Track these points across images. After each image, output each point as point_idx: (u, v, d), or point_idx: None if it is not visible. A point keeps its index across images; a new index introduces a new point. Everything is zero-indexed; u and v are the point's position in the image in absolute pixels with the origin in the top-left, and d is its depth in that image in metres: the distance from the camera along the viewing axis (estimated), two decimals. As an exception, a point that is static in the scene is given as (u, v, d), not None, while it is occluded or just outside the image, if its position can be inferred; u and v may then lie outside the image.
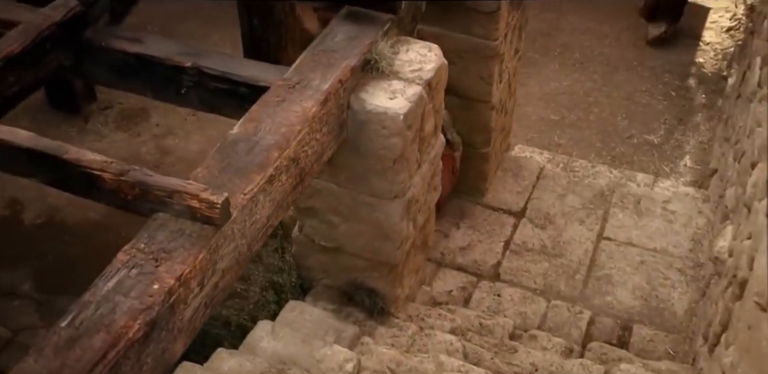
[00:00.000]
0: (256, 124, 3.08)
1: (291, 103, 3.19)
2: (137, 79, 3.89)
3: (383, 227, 3.76)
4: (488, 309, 4.64)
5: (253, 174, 2.85)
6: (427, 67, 3.63)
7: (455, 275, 4.90)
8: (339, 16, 3.73)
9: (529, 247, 5.09)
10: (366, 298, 4.04)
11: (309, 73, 3.36)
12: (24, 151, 2.83)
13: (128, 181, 2.68)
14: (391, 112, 3.39)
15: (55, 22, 3.67)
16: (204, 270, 2.59)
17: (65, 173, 2.80)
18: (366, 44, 3.54)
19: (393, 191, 3.65)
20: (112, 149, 7.28)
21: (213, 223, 2.61)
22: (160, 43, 3.88)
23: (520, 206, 5.42)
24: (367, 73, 3.56)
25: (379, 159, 3.54)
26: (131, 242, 2.60)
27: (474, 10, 4.68)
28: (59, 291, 5.81)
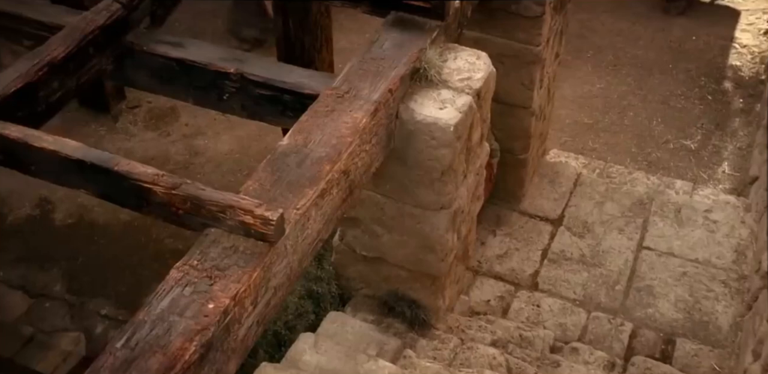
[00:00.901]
0: (306, 136, 3.02)
1: (341, 113, 3.12)
2: (178, 84, 3.84)
3: (428, 239, 3.69)
4: (527, 319, 4.56)
5: (305, 188, 2.78)
6: (476, 75, 3.55)
7: (493, 284, 4.83)
8: (386, 22, 3.66)
9: (568, 256, 5.00)
10: (407, 309, 3.98)
11: (358, 82, 3.29)
12: (73, 162, 2.78)
13: (180, 194, 2.62)
14: (441, 123, 3.31)
15: (99, 26, 3.62)
16: (258, 289, 2.53)
17: (115, 185, 2.74)
18: (414, 52, 3.46)
19: (439, 202, 3.57)
20: (141, 149, 7.25)
21: (267, 240, 2.55)
22: (202, 48, 3.83)
23: (557, 213, 5.33)
24: (416, 82, 3.48)
25: (427, 170, 3.46)
26: (183, 258, 2.54)
27: (517, 15, 4.59)
28: (91, 293, 5.79)
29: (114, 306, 5.66)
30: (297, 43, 6.01)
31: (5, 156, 2.94)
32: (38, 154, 2.83)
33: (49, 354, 5.44)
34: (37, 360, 5.38)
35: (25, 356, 5.43)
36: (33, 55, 3.45)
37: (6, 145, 2.89)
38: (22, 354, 5.43)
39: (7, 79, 3.30)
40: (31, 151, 2.84)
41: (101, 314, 5.62)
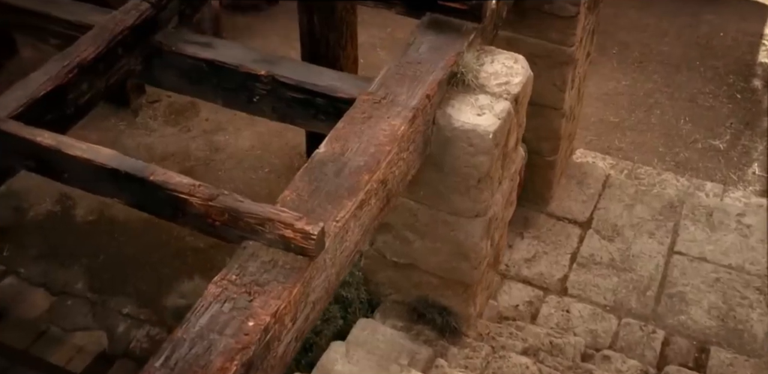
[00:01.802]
0: (343, 143, 2.94)
1: (378, 120, 3.04)
2: (207, 85, 3.77)
3: (462, 246, 3.61)
4: (557, 325, 4.49)
5: (344, 199, 2.70)
6: (514, 80, 3.46)
7: (521, 288, 4.75)
8: (421, 24, 3.57)
9: (597, 260, 4.92)
10: (438, 317, 3.91)
11: (395, 87, 3.20)
12: (107, 171, 2.71)
13: (217, 206, 2.55)
14: (480, 130, 3.23)
15: (128, 27, 3.54)
16: (297, 305, 2.46)
17: (150, 195, 2.67)
18: (452, 56, 3.37)
19: (475, 210, 3.49)
20: (161, 144, 7.19)
21: (307, 254, 2.48)
22: (232, 49, 3.75)
23: (585, 216, 5.24)
24: (453, 87, 3.40)
25: (463, 177, 3.38)
26: (221, 273, 2.48)
27: (551, 15, 4.49)
28: (112, 292, 5.74)
29: (135, 305, 5.62)
30: (322, 40, 5.92)
31: (37, 163, 2.88)
32: (71, 161, 2.77)
33: (61, 349, 5.41)
34: (48, 354, 5.36)
35: (37, 350, 5.41)
36: (62, 57, 3.39)
37: (38, 152, 2.82)
38: (33, 348, 5.42)
39: (37, 81, 3.24)
40: (63, 158, 2.78)
41: (123, 313, 5.57)
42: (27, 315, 5.62)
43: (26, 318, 5.58)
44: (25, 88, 3.19)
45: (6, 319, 5.63)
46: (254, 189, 6.72)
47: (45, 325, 5.52)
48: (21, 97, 3.14)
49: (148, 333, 5.38)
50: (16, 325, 5.62)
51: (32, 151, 2.84)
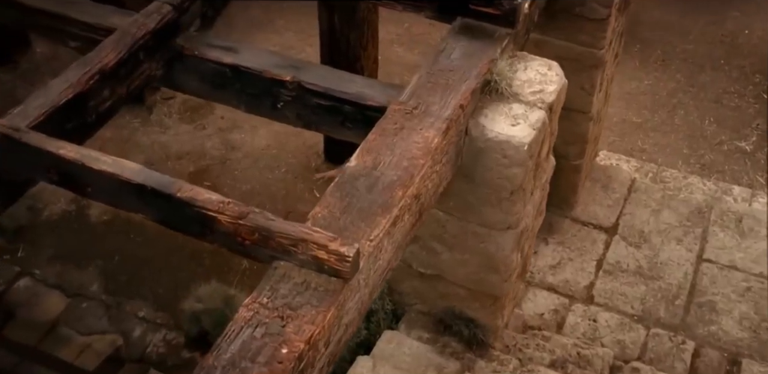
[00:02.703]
0: (375, 156, 2.84)
1: (411, 131, 2.93)
2: (230, 90, 3.67)
3: (492, 259, 3.51)
4: (584, 335, 4.39)
5: (377, 216, 2.60)
6: (549, 88, 3.35)
7: (546, 296, 4.65)
8: (452, 29, 3.46)
9: (624, 268, 4.81)
10: (464, 329, 3.82)
11: (427, 96, 3.10)
12: (133, 187, 2.62)
13: (247, 225, 2.46)
14: (515, 141, 3.12)
15: (150, 31, 3.44)
16: (331, 329, 2.37)
17: (177, 212, 2.58)
18: (485, 63, 3.26)
19: (507, 222, 3.39)
20: (176, 142, 7.10)
21: (341, 276, 2.38)
22: (256, 54, 3.64)
23: (611, 221, 5.13)
24: (485, 95, 3.29)
25: (495, 189, 3.28)
26: (252, 295, 2.38)
27: (581, 17, 4.37)
28: (127, 294, 5.67)
29: (152, 309, 5.55)
30: (342, 39, 5.82)
31: (60, 176, 2.78)
32: (95, 176, 2.68)
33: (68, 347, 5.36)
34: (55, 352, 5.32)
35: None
36: (83, 63, 3.29)
37: (61, 165, 2.73)
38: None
39: (57, 89, 3.15)
40: (87, 172, 2.69)
41: (139, 316, 5.50)
42: (42, 317, 5.56)
43: (41, 320, 5.52)
44: (45, 96, 3.10)
45: (15, 319, 5.57)
46: (271, 190, 6.63)
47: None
48: (42, 105, 3.04)
49: (164, 337, 5.31)
50: (25, 324, 5.57)
51: (55, 164, 2.75)
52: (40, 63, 7.99)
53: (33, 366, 5.40)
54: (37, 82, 7.78)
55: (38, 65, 7.98)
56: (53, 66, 7.93)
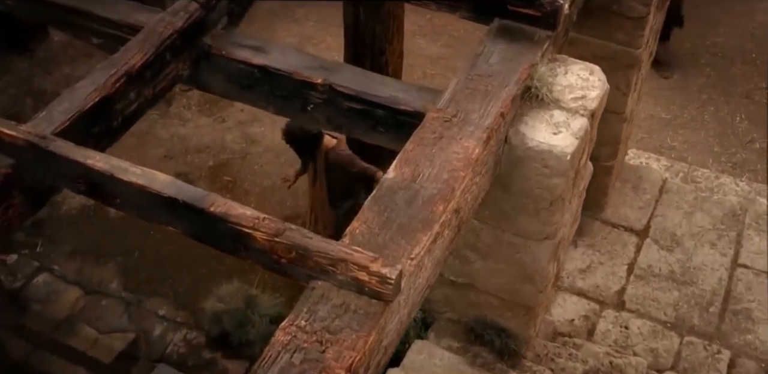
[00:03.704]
0: (414, 168, 2.72)
1: (450, 141, 2.82)
2: (258, 91, 3.55)
3: (527, 269, 3.40)
4: (615, 343, 4.29)
5: (418, 233, 2.50)
6: (591, 94, 3.21)
7: (576, 301, 4.55)
8: (490, 31, 3.32)
9: (656, 272, 4.69)
10: (496, 338, 3.72)
11: (466, 104, 2.97)
12: (163, 200, 2.52)
13: (284, 242, 2.35)
14: (557, 151, 3.00)
15: (177, 30, 3.32)
16: (372, 353, 2.27)
17: (209, 227, 2.48)
18: (525, 68, 3.12)
19: (544, 232, 3.28)
20: (195, 135, 7.01)
21: (382, 299, 2.28)
22: (285, 54, 3.51)
23: (642, 223, 5.01)
24: (525, 101, 3.16)
25: (534, 199, 3.16)
26: (289, 317, 2.28)
27: (618, 15, 4.22)
28: (147, 292, 5.60)
29: (172, 307, 5.48)
30: (367, 32, 5.68)
31: (88, 187, 2.69)
32: (124, 187, 2.58)
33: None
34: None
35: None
36: (109, 64, 3.18)
37: (89, 175, 2.63)
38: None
39: (83, 92, 3.03)
40: (116, 183, 2.59)
41: (159, 314, 5.44)
42: (61, 314, 5.50)
43: (60, 317, 5.46)
44: (71, 100, 2.99)
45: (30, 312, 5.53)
46: (292, 187, 6.53)
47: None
48: (68, 109, 2.94)
49: (185, 337, 5.25)
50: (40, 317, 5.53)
51: (83, 174, 2.65)
52: (57, 51, 7.89)
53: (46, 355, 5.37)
54: (54, 71, 7.70)
55: (55, 54, 7.89)
56: (70, 54, 7.84)
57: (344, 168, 5.20)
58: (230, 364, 5.01)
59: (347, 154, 5.21)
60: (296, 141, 5.21)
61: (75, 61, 7.83)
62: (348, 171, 5.21)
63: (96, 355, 5.29)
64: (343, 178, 5.27)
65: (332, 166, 5.24)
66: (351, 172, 5.20)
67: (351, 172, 5.20)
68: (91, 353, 5.14)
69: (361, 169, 5.19)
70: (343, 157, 5.19)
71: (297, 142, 5.22)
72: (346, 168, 5.20)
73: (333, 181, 5.33)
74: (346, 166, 5.19)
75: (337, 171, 5.24)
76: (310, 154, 5.31)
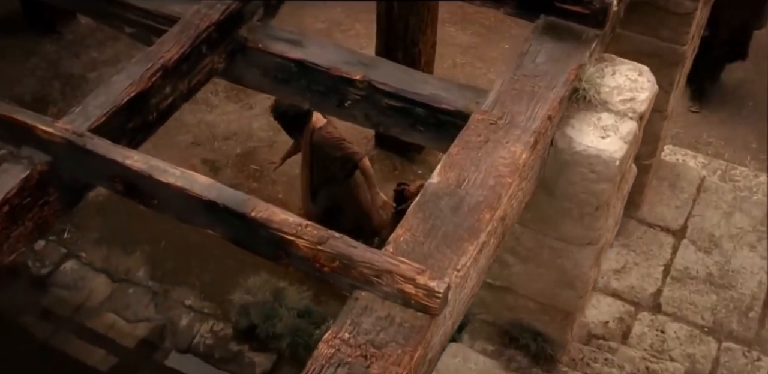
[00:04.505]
0: (459, 173, 2.63)
1: (496, 145, 2.72)
2: (294, 86, 3.46)
3: (568, 274, 3.32)
4: (651, 347, 4.20)
5: (464, 242, 2.42)
6: (640, 96, 3.10)
7: (610, 303, 4.46)
8: (536, 28, 3.21)
9: (693, 275, 4.59)
10: (532, 342, 3.65)
11: (512, 106, 2.87)
12: (203, 203, 2.45)
13: (327, 251, 2.28)
14: (606, 156, 2.90)
15: (213, 22, 3.24)
16: (417, 368, 2.21)
17: (250, 232, 2.42)
18: (573, 68, 3.01)
19: (587, 238, 3.19)
20: (223, 122, 6.94)
21: (429, 312, 2.21)
22: (323, 48, 3.42)
23: (679, 223, 4.90)
24: (572, 103, 3.06)
25: (578, 204, 3.07)
26: (333, 329, 2.21)
27: (665, 11, 4.08)
28: (175, 281, 5.58)
29: (199, 298, 5.45)
30: (400, 23, 5.59)
31: (125, 186, 2.63)
32: (163, 189, 2.51)
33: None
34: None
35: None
36: (145, 58, 3.10)
37: (126, 175, 2.57)
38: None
39: (119, 87, 2.96)
40: (154, 184, 2.52)
41: (185, 304, 5.41)
42: (88, 302, 5.49)
43: (87, 305, 5.46)
44: (106, 95, 2.92)
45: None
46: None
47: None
48: (104, 104, 2.87)
49: (212, 328, 5.22)
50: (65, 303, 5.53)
51: (120, 174, 2.59)
52: (85, 34, 7.84)
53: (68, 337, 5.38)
54: (82, 54, 7.65)
55: (83, 37, 7.83)
56: (98, 38, 7.78)
57: (327, 150, 5.05)
58: (257, 357, 4.98)
59: (334, 137, 5.04)
60: (284, 117, 5.11)
61: (102, 45, 7.77)
62: (330, 154, 5.06)
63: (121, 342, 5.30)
64: (325, 160, 5.13)
65: (316, 146, 5.09)
66: (334, 155, 5.05)
67: (334, 156, 5.06)
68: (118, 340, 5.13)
69: (344, 154, 5.02)
70: (329, 139, 5.02)
71: (285, 118, 5.11)
72: (329, 151, 5.05)
73: (316, 162, 5.18)
74: (329, 149, 5.04)
75: (320, 153, 5.10)
76: (298, 131, 5.17)
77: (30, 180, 2.67)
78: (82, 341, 5.27)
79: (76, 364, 5.24)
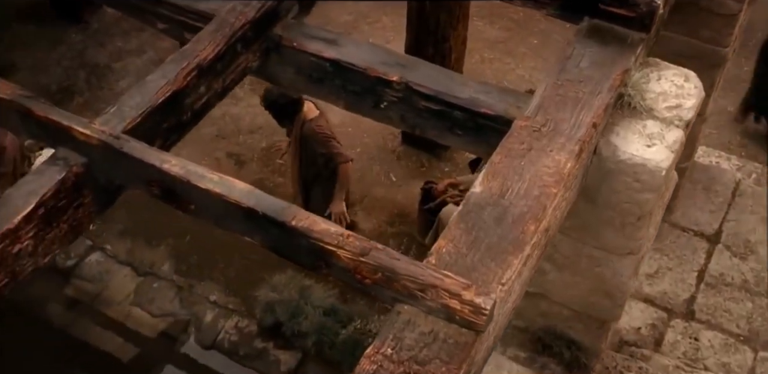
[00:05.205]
0: (502, 182, 2.57)
1: (540, 153, 2.65)
2: (329, 86, 3.41)
3: (606, 283, 3.25)
4: (684, 356, 4.13)
5: (509, 255, 2.35)
6: (687, 103, 3.02)
7: (643, 309, 4.39)
8: (579, 31, 3.12)
9: (728, 281, 4.51)
10: (565, 350, 3.59)
11: (555, 112, 2.80)
12: (242, 210, 2.40)
13: (370, 263, 2.23)
14: (651, 165, 2.82)
15: (249, 20, 3.18)
16: (460, 386, 2.15)
17: (289, 241, 2.37)
18: (618, 74, 2.93)
19: (628, 247, 3.12)
20: (248, 115, 6.88)
21: (474, 329, 2.15)
22: (360, 49, 3.35)
23: (713, 228, 4.81)
24: (617, 110, 2.98)
25: (621, 213, 3.00)
26: (375, 344, 2.16)
27: (708, 11, 3.98)
28: (199, 276, 5.55)
29: (224, 293, 5.42)
30: (431, 18, 5.50)
31: (162, 190, 2.59)
32: (201, 194, 2.47)
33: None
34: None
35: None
36: (180, 57, 3.05)
37: (163, 179, 2.53)
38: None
39: (155, 86, 2.91)
40: (192, 190, 2.48)
41: (210, 300, 5.39)
42: (114, 295, 5.48)
43: (114, 299, 5.44)
44: (142, 94, 2.87)
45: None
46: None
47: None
48: (139, 104, 2.83)
49: (236, 324, 5.19)
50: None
51: (157, 178, 2.55)
52: (111, 24, 7.80)
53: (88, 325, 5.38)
54: (107, 44, 7.62)
55: (108, 26, 7.80)
56: (123, 27, 7.74)
57: (314, 145, 5.07)
58: (282, 355, 4.95)
59: (323, 132, 5.04)
60: (274, 106, 5.08)
61: (127, 34, 7.74)
62: (316, 150, 5.08)
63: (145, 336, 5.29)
64: (311, 155, 5.15)
65: (305, 138, 5.11)
66: (319, 151, 5.07)
67: (319, 152, 5.08)
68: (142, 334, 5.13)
69: (327, 153, 5.04)
70: (318, 134, 5.02)
71: (275, 107, 5.08)
72: (315, 146, 5.06)
73: (303, 151, 5.19)
74: (316, 144, 5.06)
75: (308, 146, 5.12)
76: (288, 120, 5.14)
77: (66, 182, 2.64)
78: (106, 334, 5.25)
79: (100, 357, 5.23)
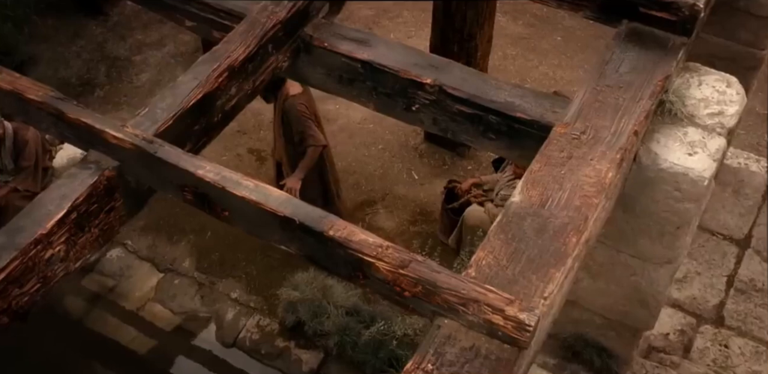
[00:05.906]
0: (542, 191, 2.51)
1: (580, 162, 2.59)
2: (360, 87, 3.35)
3: (642, 292, 3.19)
4: (714, 363, 4.07)
5: (550, 268, 2.30)
6: (729, 110, 2.95)
7: (671, 314, 4.33)
8: (618, 35, 3.05)
9: (759, 287, 4.44)
10: (596, 358, 3.54)
11: (595, 119, 2.74)
12: (278, 218, 2.36)
13: (410, 275, 2.18)
14: (693, 175, 2.76)
15: (280, 20, 3.13)
16: (502, 403, 2.11)
17: (327, 251, 2.32)
18: (659, 80, 2.86)
19: (666, 257, 3.06)
20: (269, 110, 6.80)
21: (517, 345, 2.10)
22: (392, 50, 3.29)
23: (743, 232, 4.73)
24: (657, 116, 2.91)
25: (659, 222, 2.94)
26: (415, 358, 2.12)
27: (744, 13, 3.89)
28: (221, 273, 5.52)
29: (245, 291, 5.39)
30: (458, 15, 5.43)
31: (195, 196, 2.55)
32: (236, 201, 2.43)
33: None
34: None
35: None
36: (211, 58, 3.00)
37: (198, 185, 2.49)
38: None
39: (186, 88, 2.87)
40: (227, 197, 2.43)
41: (231, 298, 5.36)
42: (135, 291, 5.46)
43: (135, 295, 5.42)
44: (173, 96, 2.83)
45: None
46: (367, 169, 6.36)
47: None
48: (171, 106, 2.78)
49: (258, 323, 5.16)
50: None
51: (191, 184, 2.51)
52: (131, 17, 7.77)
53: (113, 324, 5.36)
54: (127, 36, 7.58)
55: (128, 19, 7.76)
56: (143, 20, 7.70)
57: (292, 123, 5.14)
58: (304, 355, 4.92)
59: (303, 112, 5.09)
60: None
61: (147, 28, 7.70)
62: (294, 127, 5.14)
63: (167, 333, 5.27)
64: (289, 131, 5.22)
65: (285, 113, 5.18)
66: (296, 129, 5.14)
67: (296, 130, 5.14)
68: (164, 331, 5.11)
69: (303, 134, 5.10)
70: (298, 112, 5.08)
71: None
72: (293, 124, 5.13)
73: (284, 125, 5.26)
74: (294, 122, 5.12)
75: (287, 121, 5.19)
76: (272, 94, 5.19)
77: (98, 185, 2.60)
78: (126, 330, 5.24)
79: (120, 352, 5.22)
